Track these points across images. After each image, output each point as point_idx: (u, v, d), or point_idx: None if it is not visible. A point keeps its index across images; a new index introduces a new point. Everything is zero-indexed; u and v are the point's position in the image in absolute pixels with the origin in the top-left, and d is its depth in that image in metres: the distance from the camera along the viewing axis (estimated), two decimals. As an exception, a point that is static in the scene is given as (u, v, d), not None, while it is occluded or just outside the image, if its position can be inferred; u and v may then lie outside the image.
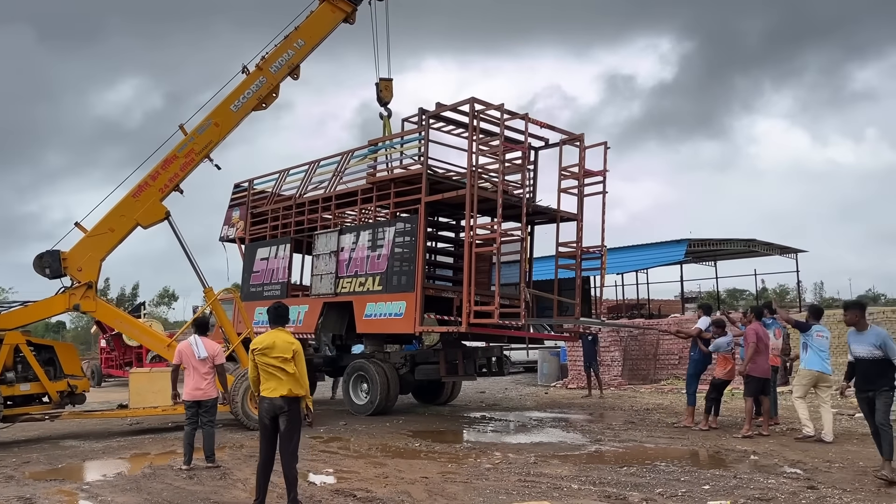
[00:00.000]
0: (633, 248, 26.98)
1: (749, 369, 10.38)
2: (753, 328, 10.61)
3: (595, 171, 13.25)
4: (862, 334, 7.38)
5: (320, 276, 14.36)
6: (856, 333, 7.43)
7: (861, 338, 7.37)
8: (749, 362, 10.36)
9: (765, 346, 10.57)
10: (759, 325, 10.73)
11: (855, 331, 7.46)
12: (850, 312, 7.53)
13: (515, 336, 13.60)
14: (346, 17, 14.32)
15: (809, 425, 9.92)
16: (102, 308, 13.09)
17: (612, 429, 11.56)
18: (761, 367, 10.49)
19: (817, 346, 9.87)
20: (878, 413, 7.21)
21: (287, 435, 6.55)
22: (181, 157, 13.43)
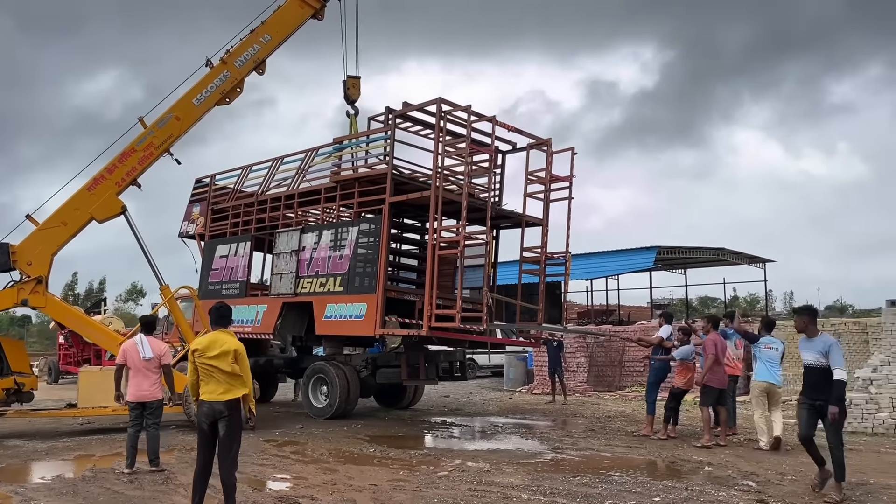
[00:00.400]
0: (603, 254, 27.01)
1: (706, 379, 10.33)
2: (712, 339, 10.56)
3: (562, 177, 13.15)
4: (811, 341, 7.21)
5: (280, 276, 14.07)
6: (806, 340, 7.28)
7: (810, 345, 7.20)
8: (707, 372, 10.31)
9: (723, 355, 10.52)
10: (718, 335, 10.67)
11: (805, 337, 7.32)
12: (800, 319, 7.44)
13: (478, 341, 13.43)
14: (315, 13, 14.12)
15: (764, 438, 9.87)
16: (53, 304, 12.71)
17: (571, 436, 11.44)
18: (718, 378, 10.44)
19: (766, 357, 9.86)
20: (828, 433, 7.05)
21: (227, 440, 6.29)
22: (140, 150, 13.12)
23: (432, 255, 11.68)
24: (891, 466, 8.72)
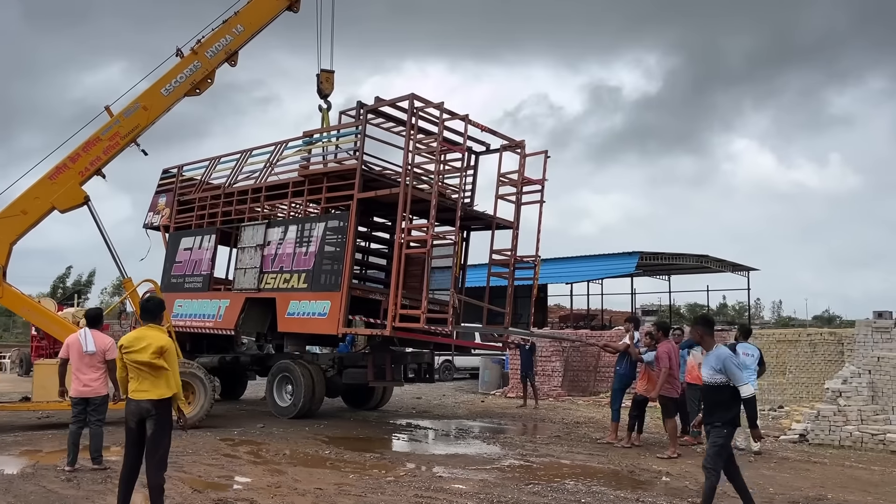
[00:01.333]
0: (584, 258, 26.88)
1: (664, 391, 10.11)
2: (665, 349, 10.29)
3: (534, 180, 12.92)
4: (707, 355, 6.39)
5: (244, 270, 13.77)
6: (705, 354, 6.51)
7: (706, 359, 6.39)
8: (663, 384, 10.06)
9: (677, 366, 10.34)
10: (671, 344, 10.44)
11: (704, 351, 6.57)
12: (694, 329, 6.68)
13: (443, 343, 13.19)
14: (291, 5, 13.84)
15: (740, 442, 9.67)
16: (10, 294, 12.32)
17: (533, 442, 11.21)
18: (674, 387, 10.24)
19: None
20: (706, 455, 6.32)
21: (154, 440, 6.03)
22: (105, 139, 12.78)
23: (398, 254, 11.42)
24: (852, 481, 8.52)
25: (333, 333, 12.07)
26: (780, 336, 17.07)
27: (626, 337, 11.46)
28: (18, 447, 10.04)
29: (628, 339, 11.26)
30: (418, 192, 11.93)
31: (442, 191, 12.50)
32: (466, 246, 14.25)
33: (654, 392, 10.14)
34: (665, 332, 10.62)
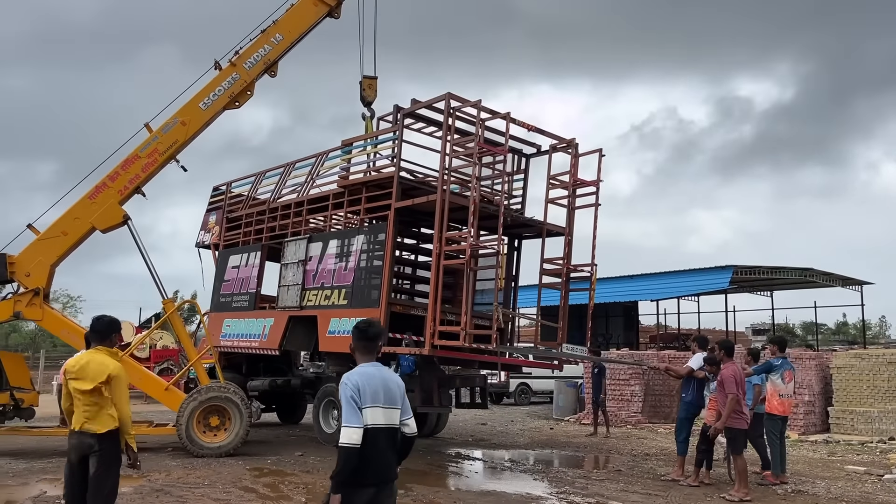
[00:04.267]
0: (672, 273, 24.94)
1: (730, 422, 8.50)
2: (731, 371, 8.67)
3: (588, 181, 11.64)
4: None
5: (287, 287, 13.12)
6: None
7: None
8: (730, 414, 8.47)
9: (743, 391, 8.79)
10: (736, 367, 8.82)
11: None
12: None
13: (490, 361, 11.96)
14: (331, 11, 13.24)
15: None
16: (50, 316, 12.16)
17: (587, 478, 9.85)
18: (743, 418, 8.67)
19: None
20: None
21: (97, 480, 5.22)
22: (143, 157, 12.51)
23: (436, 266, 10.41)
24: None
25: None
26: (891, 357, 14.81)
27: (692, 359, 9.94)
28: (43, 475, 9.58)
29: (694, 361, 9.75)
30: (460, 198, 10.89)
31: (490, 197, 11.42)
32: (518, 256, 13.04)
33: (720, 422, 8.57)
34: (729, 353, 9.02)
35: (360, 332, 4.40)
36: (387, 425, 4.18)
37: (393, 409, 4.21)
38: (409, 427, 4.28)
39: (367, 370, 4.28)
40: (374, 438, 4.13)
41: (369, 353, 4.36)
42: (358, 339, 4.41)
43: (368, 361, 4.34)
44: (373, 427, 4.14)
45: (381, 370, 4.30)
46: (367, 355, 4.35)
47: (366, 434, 4.11)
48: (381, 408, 4.18)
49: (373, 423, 4.14)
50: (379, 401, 4.18)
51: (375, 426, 4.14)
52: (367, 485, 4.11)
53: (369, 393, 4.17)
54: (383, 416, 4.17)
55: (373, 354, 4.36)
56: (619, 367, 17.02)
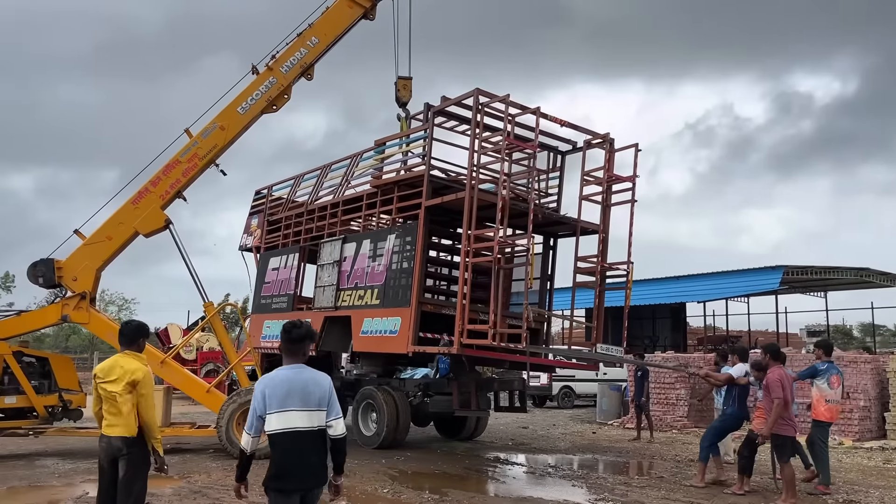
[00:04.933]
0: (721, 274, 24.30)
1: (777, 428, 8.13)
2: (777, 375, 8.24)
3: (623, 177, 11.35)
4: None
5: (323, 288, 13.21)
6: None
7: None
8: (776, 419, 8.12)
9: (791, 395, 8.38)
10: (782, 371, 8.42)
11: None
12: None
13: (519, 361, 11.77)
14: (366, 13, 13.25)
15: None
16: (96, 320, 12.40)
17: (628, 484, 9.57)
18: (791, 424, 8.28)
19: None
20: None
21: (126, 483, 5.30)
22: (184, 161, 12.68)
23: (464, 264, 10.31)
24: None
25: (403, 352, 11.10)
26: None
27: (733, 368, 9.61)
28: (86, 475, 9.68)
29: (735, 370, 9.40)
30: (490, 196, 10.75)
31: (523, 195, 11.25)
32: (553, 255, 12.82)
33: (766, 429, 8.21)
34: (775, 356, 8.62)
35: (285, 334, 4.38)
36: (306, 428, 4.10)
37: (313, 412, 4.13)
38: (334, 428, 4.18)
39: (280, 374, 4.24)
40: (290, 442, 4.09)
41: (292, 355, 4.32)
42: (283, 340, 4.39)
43: (292, 363, 4.29)
44: (284, 431, 4.09)
45: (302, 372, 4.23)
46: (290, 357, 4.32)
47: (277, 438, 4.10)
48: (295, 411, 4.11)
49: (284, 427, 4.10)
50: (292, 404, 4.12)
51: (289, 430, 4.09)
52: (290, 491, 4.08)
53: (278, 397, 4.13)
54: (300, 420, 4.10)
55: (297, 357, 4.33)
56: (662, 370, 16.60)
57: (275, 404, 4.11)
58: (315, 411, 4.12)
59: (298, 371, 4.22)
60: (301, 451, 4.07)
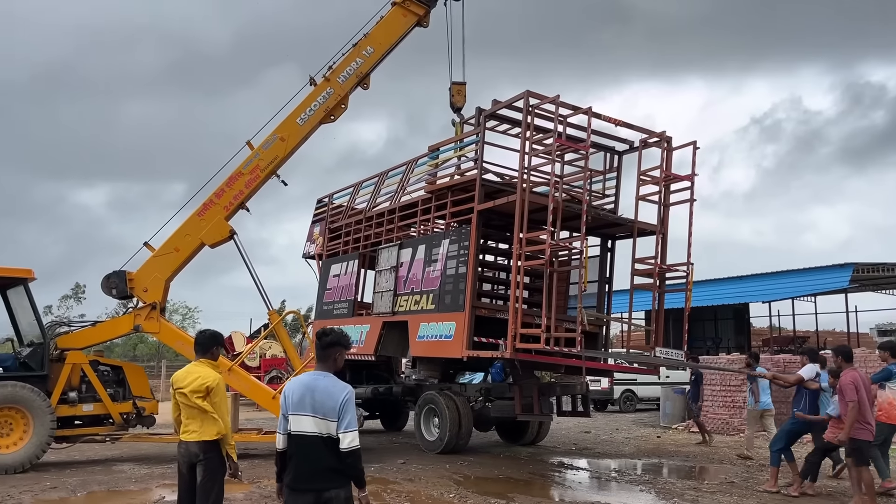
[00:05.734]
0: (786, 273, 23.62)
1: (854, 432, 7.83)
2: (851, 377, 7.89)
3: (681, 176, 11.15)
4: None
5: (381, 294, 13.37)
6: None
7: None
8: (853, 423, 7.80)
9: (870, 398, 8.08)
10: (856, 373, 8.09)
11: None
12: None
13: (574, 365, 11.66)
14: (419, 20, 13.38)
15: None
16: (166, 329, 12.79)
17: (697, 489, 9.37)
18: (870, 427, 7.94)
19: None
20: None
21: (204, 487, 5.46)
22: (246, 173, 12.99)
23: (516, 268, 10.30)
24: None
25: (458, 357, 11.13)
26: None
27: (802, 369, 9.34)
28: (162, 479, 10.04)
29: (805, 372, 9.14)
30: (542, 198, 10.70)
31: (579, 196, 11.17)
32: (612, 257, 12.67)
33: (843, 433, 7.91)
34: (847, 358, 8.33)
35: (317, 340, 4.49)
36: (317, 434, 4.17)
37: (323, 420, 4.17)
38: (343, 441, 4.16)
39: (303, 378, 4.37)
40: (300, 444, 4.19)
41: (322, 360, 4.40)
42: (315, 346, 4.51)
43: (321, 370, 4.37)
44: (298, 434, 4.20)
45: (320, 379, 4.29)
46: (320, 363, 4.41)
47: (291, 440, 4.24)
48: (307, 416, 4.19)
49: (298, 430, 4.21)
50: (304, 409, 4.21)
51: (301, 433, 4.19)
52: (302, 490, 4.16)
53: (294, 400, 4.26)
54: (312, 425, 4.17)
55: (327, 362, 4.39)
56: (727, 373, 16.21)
57: (291, 407, 4.26)
58: (324, 420, 4.18)
59: (317, 378, 4.30)
60: (309, 454, 4.17)
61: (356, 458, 4.18)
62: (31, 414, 10.63)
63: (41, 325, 11.64)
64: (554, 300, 10.38)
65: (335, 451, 4.15)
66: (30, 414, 10.62)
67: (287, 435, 4.27)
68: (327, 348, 4.39)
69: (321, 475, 4.15)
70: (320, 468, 4.14)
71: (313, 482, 4.14)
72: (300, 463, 4.18)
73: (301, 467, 4.17)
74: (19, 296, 11.76)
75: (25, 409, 10.62)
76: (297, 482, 4.18)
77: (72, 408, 11.52)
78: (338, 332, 4.44)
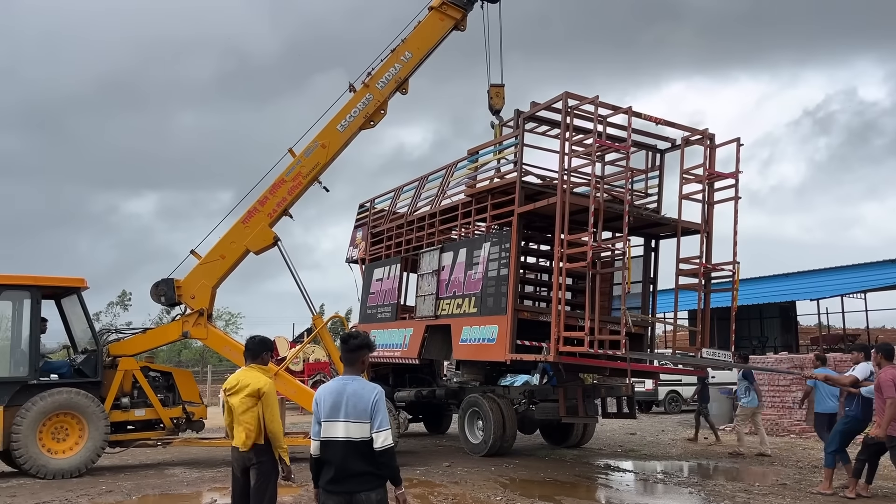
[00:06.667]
0: (834, 270, 23.08)
1: (892, 429, 7.68)
2: (889, 375, 7.83)
3: (725, 174, 10.97)
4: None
5: (423, 298, 13.43)
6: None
7: None
8: (889, 421, 7.68)
9: None
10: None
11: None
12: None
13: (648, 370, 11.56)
14: (457, 24, 13.42)
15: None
16: (213, 335, 13.00)
17: (748, 492, 9.22)
18: None
19: None
20: None
21: (257, 490, 5.60)
22: (289, 180, 13.14)
23: (559, 270, 10.25)
24: None
25: (502, 360, 11.13)
26: None
27: (856, 368, 9.13)
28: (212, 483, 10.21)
29: (858, 371, 8.93)
30: (583, 199, 10.64)
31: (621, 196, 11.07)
32: (655, 258, 12.52)
33: (881, 429, 7.80)
34: (888, 356, 8.19)
35: (343, 344, 4.54)
36: (347, 439, 4.23)
37: (356, 423, 4.24)
38: (377, 440, 4.22)
39: (333, 385, 4.42)
40: (333, 449, 4.26)
41: (350, 364, 4.46)
42: (341, 350, 4.58)
43: (349, 374, 4.43)
44: (329, 440, 4.28)
45: (351, 384, 4.34)
46: (347, 367, 4.46)
47: (324, 445, 4.31)
48: (340, 422, 4.26)
49: (330, 436, 4.28)
50: (337, 415, 4.27)
51: (333, 439, 4.26)
52: (336, 492, 4.25)
53: (326, 407, 4.32)
54: (343, 430, 4.24)
55: (354, 366, 4.45)
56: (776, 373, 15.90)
57: (323, 413, 4.34)
58: (357, 423, 4.25)
59: (346, 382, 4.36)
60: (341, 459, 4.25)
61: (390, 457, 4.27)
62: (85, 419, 10.88)
63: (94, 332, 11.94)
64: (597, 301, 10.30)
65: (367, 455, 4.23)
66: (84, 419, 10.87)
67: (320, 441, 4.35)
68: (355, 351, 4.46)
69: (354, 478, 4.23)
70: (353, 472, 4.23)
71: (346, 485, 4.24)
72: (333, 467, 4.27)
73: (334, 471, 4.26)
74: (73, 304, 12.07)
75: (80, 414, 10.87)
76: (331, 485, 4.28)
77: (124, 413, 11.76)
78: (364, 336, 4.52)
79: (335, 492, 4.26)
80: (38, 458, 10.44)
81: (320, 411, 4.37)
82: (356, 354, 4.46)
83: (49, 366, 11.56)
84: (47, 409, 10.63)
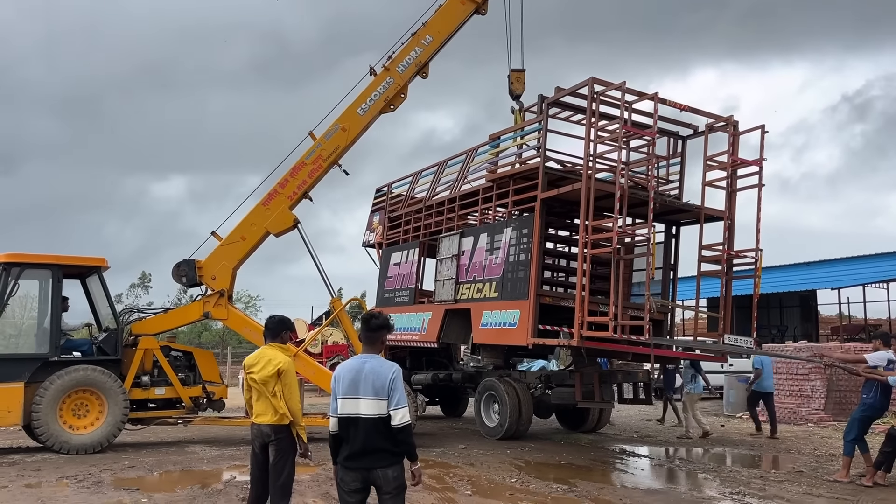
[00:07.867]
0: (855, 259, 22.88)
1: None
2: None
3: (749, 161, 10.88)
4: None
5: (443, 282, 13.48)
6: None
7: None
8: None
9: None
10: None
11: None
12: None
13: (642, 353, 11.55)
14: (478, 8, 13.34)
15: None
16: (234, 316, 13.13)
17: (765, 479, 9.21)
18: None
19: None
20: None
21: (276, 467, 5.68)
22: (309, 163, 13.18)
23: (583, 255, 10.24)
24: None
25: (523, 344, 11.17)
26: None
27: (872, 355, 9.08)
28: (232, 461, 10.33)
29: (876, 358, 8.89)
30: (607, 185, 10.61)
31: (643, 183, 11.02)
32: (676, 244, 12.47)
33: None
34: (886, 343, 8.20)
35: (364, 324, 4.67)
36: (367, 415, 4.34)
37: (374, 400, 4.34)
38: (395, 418, 4.32)
39: (352, 363, 4.56)
40: (352, 426, 4.38)
41: (370, 343, 4.58)
42: (361, 329, 4.70)
43: (368, 352, 4.55)
44: (347, 416, 4.39)
45: (370, 361, 4.46)
46: (367, 346, 4.58)
47: (342, 422, 4.43)
48: (358, 398, 4.37)
49: (347, 413, 4.39)
50: (355, 392, 4.38)
51: (350, 415, 4.38)
52: (353, 468, 4.37)
53: (344, 384, 4.43)
54: (362, 406, 4.35)
55: (374, 345, 4.57)
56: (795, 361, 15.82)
57: (341, 390, 4.46)
58: (375, 399, 4.35)
59: (365, 360, 4.49)
60: (359, 435, 4.36)
61: (408, 434, 4.38)
62: (105, 396, 11.04)
63: (115, 311, 12.12)
64: (620, 287, 10.30)
65: (384, 431, 4.34)
66: (104, 396, 11.03)
67: (338, 418, 4.45)
68: (376, 331, 4.59)
69: (370, 454, 4.34)
70: (370, 448, 4.34)
71: (363, 461, 4.35)
72: (351, 443, 4.38)
73: (352, 447, 4.37)
74: (95, 284, 12.25)
75: (99, 391, 11.03)
76: (349, 461, 4.40)
77: (144, 391, 11.92)
78: (384, 317, 4.64)
79: (353, 468, 4.37)
80: (59, 435, 10.63)
81: (339, 388, 4.48)
82: (376, 334, 4.57)
83: (71, 343, 11.75)
84: (66, 385, 10.80)
